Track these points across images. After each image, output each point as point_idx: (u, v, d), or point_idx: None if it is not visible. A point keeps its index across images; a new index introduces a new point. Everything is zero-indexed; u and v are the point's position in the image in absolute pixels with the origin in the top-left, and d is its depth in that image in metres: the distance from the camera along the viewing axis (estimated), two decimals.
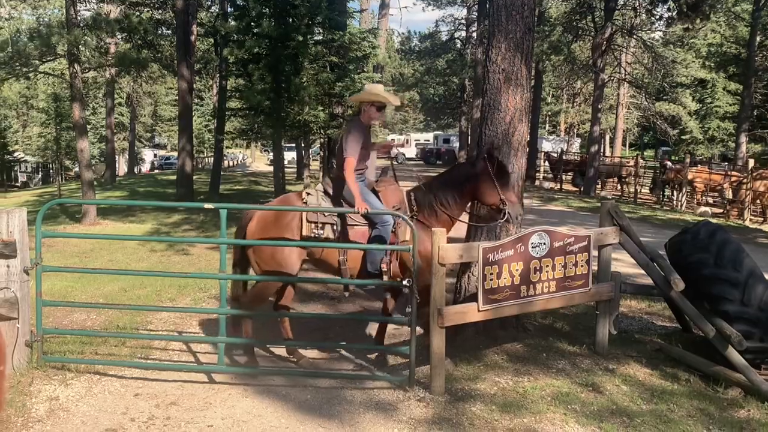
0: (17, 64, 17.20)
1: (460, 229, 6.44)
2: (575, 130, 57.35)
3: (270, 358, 6.29)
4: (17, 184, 53.93)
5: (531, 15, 6.54)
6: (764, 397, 5.11)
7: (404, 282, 5.11)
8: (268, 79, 17.05)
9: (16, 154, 53.98)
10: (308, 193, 5.87)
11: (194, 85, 22.59)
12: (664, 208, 22.49)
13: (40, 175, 58.12)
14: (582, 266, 5.85)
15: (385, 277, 5.61)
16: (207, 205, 5.69)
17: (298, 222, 5.70)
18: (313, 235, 5.66)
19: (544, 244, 5.60)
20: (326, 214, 5.67)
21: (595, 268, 6.24)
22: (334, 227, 5.68)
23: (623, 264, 8.61)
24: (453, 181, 5.81)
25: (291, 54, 16.63)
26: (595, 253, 6.12)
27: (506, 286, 5.45)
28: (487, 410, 4.95)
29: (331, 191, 5.84)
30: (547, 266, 5.64)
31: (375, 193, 5.78)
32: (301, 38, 16.76)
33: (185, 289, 8.84)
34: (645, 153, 55.44)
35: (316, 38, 18.43)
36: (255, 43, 16.29)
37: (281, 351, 6.34)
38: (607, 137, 50.17)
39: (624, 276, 7.43)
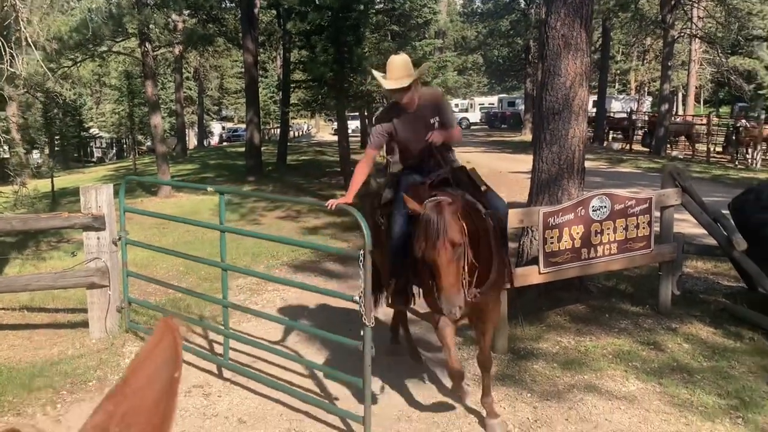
0: (91, 45, 17.95)
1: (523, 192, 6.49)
2: (646, 88, 55.59)
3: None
4: (93, 160, 55.94)
5: None
6: None
7: (354, 297, 4.14)
8: (331, 50, 17.24)
9: (91, 131, 56.06)
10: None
11: (258, 58, 22.98)
12: (738, 167, 21.82)
13: (114, 150, 60.10)
14: (643, 228, 5.93)
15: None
16: (209, 188, 6.07)
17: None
18: (378, 221, 4.78)
19: (605, 207, 5.70)
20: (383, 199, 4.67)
21: (658, 229, 6.31)
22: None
23: (689, 224, 8.57)
24: None
25: (352, 24, 16.75)
26: (657, 214, 6.20)
27: (567, 249, 5.60)
28: (548, 367, 5.16)
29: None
30: (608, 229, 5.76)
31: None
32: (362, 8, 16.87)
33: (258, 257, 9.29)
34: (720, 110, 53.38)
35: (376, 7, 18.51)
36: (317, 16, 16.50)
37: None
38: (680, 95, 48.53)
39: (690, 237, 7.48)
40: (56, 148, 40.78)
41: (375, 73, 4.62)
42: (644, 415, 4.38)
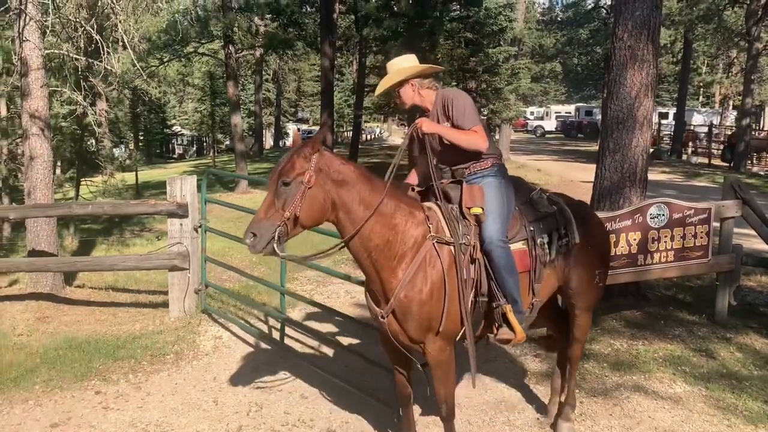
0: (178, 45, 18.90)
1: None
2: (731, 102, 53.82)
3: None
4: (174, 156, 58.08)
5: None
6: None
7: None
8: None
9: (173, 128, 58.23)
10: None
11: (335, 62, 23.55)
12: None
13: (194, 148, 62.15)
14: (701, 237, 6.02)
15: None
16: None
17: None
18: None
19: (663, 215, 5.83)
20: None
21: (718, 240, 6.38)
22: None
23: (760, 240, 8.51)
24: None
25: (427, 31, 17.09)
26: (717, 225, 6.27)
27: (623, 254, 5.76)
28: (599, 367, 5.33)
29: None
30: (666, 236, 5.88)
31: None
32: (437, 15, 17.19)
33: None
34: None
35: (451, 15, 18.74)
36: (393, 22, 16.89)
37: None
38: (767, 109, 46.83)
39: (757, 251, 7.46)
40: (140, 144, 42.61)
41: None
42: (687, 415, 4.51)
